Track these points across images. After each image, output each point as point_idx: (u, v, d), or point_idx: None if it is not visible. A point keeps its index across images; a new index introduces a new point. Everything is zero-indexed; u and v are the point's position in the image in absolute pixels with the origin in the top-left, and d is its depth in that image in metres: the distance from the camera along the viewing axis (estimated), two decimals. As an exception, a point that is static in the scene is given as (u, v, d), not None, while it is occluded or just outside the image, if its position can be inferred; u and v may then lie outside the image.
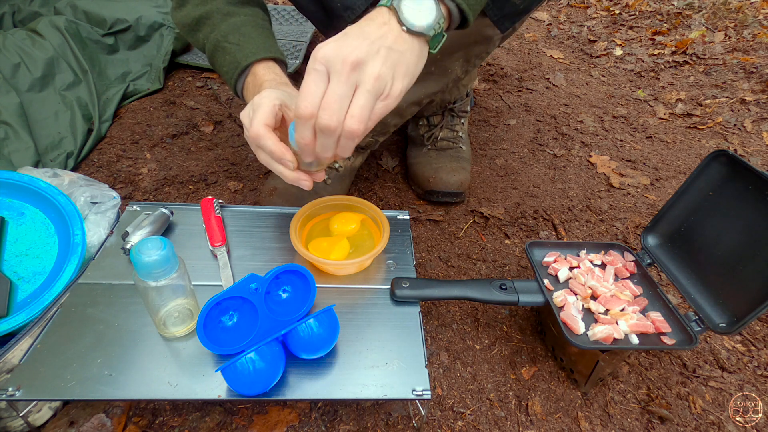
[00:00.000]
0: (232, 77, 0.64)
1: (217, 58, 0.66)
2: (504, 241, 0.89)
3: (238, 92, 0.67)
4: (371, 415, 0.60)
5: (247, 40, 0.65)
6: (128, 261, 0.61)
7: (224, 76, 0.66)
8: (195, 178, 0.95)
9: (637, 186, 1.06)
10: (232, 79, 0.64)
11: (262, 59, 0.63)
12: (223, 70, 0.66)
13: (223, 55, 0.65)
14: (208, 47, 0.67)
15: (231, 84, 0.66)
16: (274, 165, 0.54)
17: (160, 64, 1.23)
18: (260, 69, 0.63)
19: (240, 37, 0.65)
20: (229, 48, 0.64)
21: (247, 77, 0.64)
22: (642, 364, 0.69)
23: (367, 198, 0.94)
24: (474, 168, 1.07)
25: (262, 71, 0.63)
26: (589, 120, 1.30)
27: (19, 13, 1.16)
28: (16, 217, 0.66)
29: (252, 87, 0.63)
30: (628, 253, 0.69)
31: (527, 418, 0.61)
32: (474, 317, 0.74)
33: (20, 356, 0.50)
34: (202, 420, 0.57)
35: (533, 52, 1.71)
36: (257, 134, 0.52)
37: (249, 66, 0.63)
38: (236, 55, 0.64)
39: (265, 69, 0.63)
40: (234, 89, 0.66)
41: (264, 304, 0.52)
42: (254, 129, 0.52)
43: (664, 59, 1.67)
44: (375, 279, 0.63)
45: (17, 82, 0.96)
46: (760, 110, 1.36)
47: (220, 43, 0.65)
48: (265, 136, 0.52)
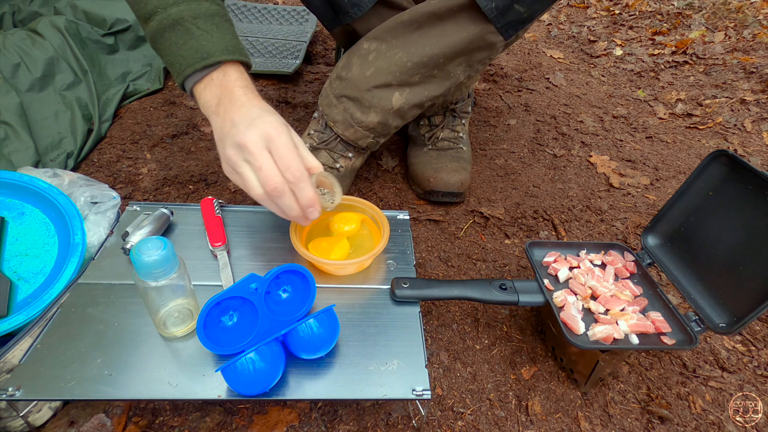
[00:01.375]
0: (191, 65, 0.56)
1: (173, 37, 0.57)
2: (504, 241, 0.89)
3: (189, 85, 0.59)
4: (371, 415, 0.60)
5: (221, 33, 0.58)
6: (128, 261, 0.61)
7: (177, 60, 0.57)
8: (195, 178, 0.95)
9: (637, 186, 1.06)
10: (191, 68, 0.56)
11: (237, 61, 0.58)
12: (179, 54, 0.57)
13: (185, 37, 0.57)
14: (162, 19, 0.57)
15: (184, 73, 0.57)
16: (293, 210, 0.55)
17: (160, 64, 1.23)
18: (233, 71, 0.58)
19: (213, 26, 0.58)
20: (196, 32, 0.56)
21: (212, 73, 0.57)
22: (642, 364, 0.69)
23: (367, 198, 0.94)
24: (474, 168, 1.07)
25: (235, 75, 0.58)
26: (589, 120, 1.30)
27: (19, 13, 1.16)
28: (16, 217, 0.66)
29: (218, 88, 0.57)
30: (628, 253, 0.69)
31: (527, 418, 0.61)
32: (474, 317, 0.74)
33: (20, 356, 0.50)
34: (202, 420, 0.57)
35: (533, 52, 1.71)
36: (302, 175, 0.53)
37: (220, 62, 0.57)
38: (204, 44, 0.56)
39: (239, 74, 0.58)
40: (184, 79, 0.58)
41: (264, 304, 0.52)
42: (297, 168, 0.52)
43: (664, 59, 1.67)
44: (375, 279, 0.63)
45: (17, 82, 0.96)
46: (760, 110, 1.36)
47: (184, 22, 0.57)
48: (308, 180, 0.53)
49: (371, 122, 0.81)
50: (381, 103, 0.79)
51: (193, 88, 0.59)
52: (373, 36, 0.78)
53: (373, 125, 0.81)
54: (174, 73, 0.58)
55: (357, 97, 0.79)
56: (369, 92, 0.78)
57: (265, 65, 1.30)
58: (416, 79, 0.78)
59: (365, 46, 0.79)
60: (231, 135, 0.53)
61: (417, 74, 0.77)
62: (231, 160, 0.54)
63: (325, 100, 0.84)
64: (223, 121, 0.55)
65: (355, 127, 0.82)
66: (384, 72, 0.77)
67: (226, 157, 0.54)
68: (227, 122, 0.54)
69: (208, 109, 0.58)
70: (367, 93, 0.78)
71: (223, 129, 0.55)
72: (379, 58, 0.77)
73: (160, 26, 0.57)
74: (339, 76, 0.81)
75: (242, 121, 0.53)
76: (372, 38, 0.78)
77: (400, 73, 0.76)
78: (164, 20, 0.57)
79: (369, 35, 0.79)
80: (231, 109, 0.55)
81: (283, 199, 0.53)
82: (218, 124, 0.56)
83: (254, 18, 1.57)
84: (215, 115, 0.57)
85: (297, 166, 0.52)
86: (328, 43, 1.58)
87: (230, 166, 0.55)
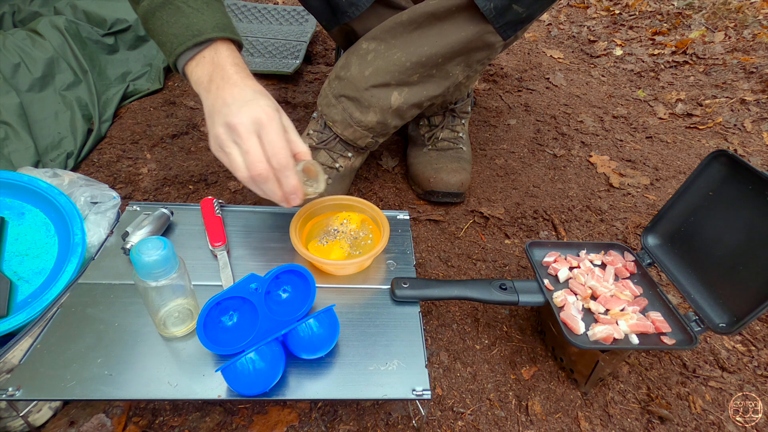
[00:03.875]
0: (182, 44, 0.56)
1: (164, 15, 0.57)
2: (504, 241, 0.89)
3: (181, 64, 0.58)
4: (371, 415, 0.60)
5: (212, 11, 0.57)
6: (128, 261, 0.61)
7: (168, 40, 0.57)
8: (195, 178, 0.95)
9: (637, 186, 1.06)
10: (183, 46, 0.56)
11: (228, 39, 0.58)
12: (170, 32, 0.56)
13: (176, 15, 0.56)
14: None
15: (176, 51, 0.56)
16: (276, 195, 0.55)
17: (160, 64, 1.23)
18: (225, 49, 0.57)
19: (203, 4, 0.57)
20: (187, 10, 0.56)
21: (204, 51, 0.57)
22: (642, 364, 0.69)
23: (367, 198, 0.94)
24: (474, 168, 1.07)
25: (226, 53, 0.57)
26: (589, 120, 1.30)
27: (19, 13, 1.16)
28: (16, 217, 0.66)
29: (210, 66, 0.56)
30: (628, 253, 0.69)
31: (527, 418, 0.61)
32: (474, 317, 0.74)
33: (20, 356, 0.50)
34: (202, 420, 0.57)
35: (533, 52, 1.71)
36: (288, 164, 0.53)
37: (211, 40, 0.56)
38: (195, 21, 0.56)
39: (230, 51, 0.58)
40: (176, 59, 0.57)
41: (264, 304, 0.52)
42: (284, 156, 0.53)
43: (664, 59, 1.67)
44: (375, 279, 0.63)
45: (17, 82, 0.96)
46: (760, 110, 1.36)
47: (175, 0, 0.57)
48: (293, 169, 0.54)
49: (370, 122, 0.81)
50: (380, 102, 0.79)
51: (185, 66, 0.58)
52: (372, 36, 0.78)
53: (372, 125, 0.81)
54: (165, 52, 0.58)
55: (356, 96, 0.79)
56: (368, 92, 0.78)
57: (265, 65, 1.30)
58: (415, 79, 0.78)
59: (364, 46, 0.79)
60: (222, 114, 0.54)
61: (416, 74, 0.77)
62: (219, 139, 0.54)
63: (324, 100, 0.84)
64: (215, 98, 0.55)
65: (354, 127, 0.82)
66: (383, 72, 0.77)
67: (215, 135, 0.55)
68: (219, 100, 0.55)
69: (200, 86, 0.58)
70: (365, 92, 0.78)
71: (215, 106, 0.55)
72: (377, 58, 0.77)
73: (151, 5, 0.57)
74: (338, 75, 0.82)
75: (234, 102, 0.53)
76: (371, 38, 0.78)
77: (399, 73, 0.76)
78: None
79: (368, 35, 0.79)
80: (223, 87, 0.55)
81: (267, 184, 0.54)
82: (209, 101, 0.56)
83: (254, 18, 1.57)
84: (207, 92, 0.56)
85: (284, 153, 0.53)
86: (328, 43, 1.57)
87: (218, 144, 0.55)
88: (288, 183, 0.55)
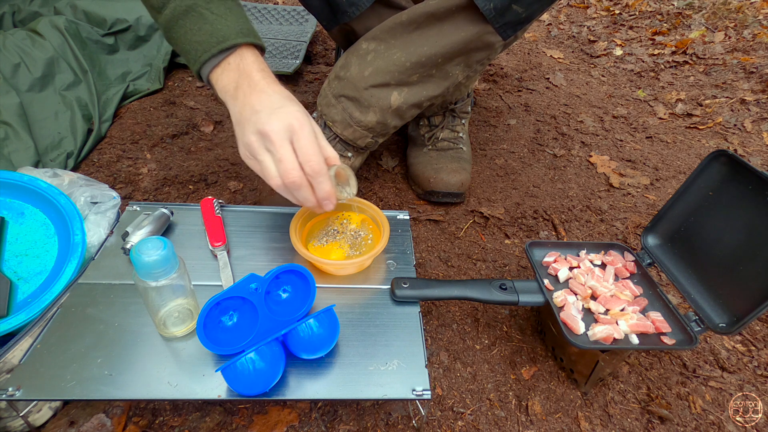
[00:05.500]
0: (207, 51, 0.55)
1: (187, 23, 0.56)
2: (504, 241, 0.89)
3: (205, 72, 0.58)
4: (371, 415, 0.60)
5: (234, 16, 0.57)
6: (128, 261, 0.61)
7: (193, 48, 0.57)
8: (195, 178, 0.95)
9: (637, 186, 1.06)
10: (208, 53, 0.55)
11: (251, 44, 0.57)
12: (194, 40, 0.56)
13: (199, 22, 0.56)
14: (176, 6, 0.57)
15: (201, 59, 0.56)
16: (309, 201, 0.56)
17: (160, 64, 1.22)
18: (250, 55, 0.57)
19: (226, 9, 0.57)
20: (210, 17, 0.56)
21: (229, 57, 0.56)
22: (642, 364, 0.69)
23: (367, 198, 0.94)
24: (474, 168, 1.07)
25: (252, 58, 0.57)
26: (589, 120, 1.30)
27: (19, 13, 1.16)
28: (16, 217, 0.66)
29: (236, 72, 0.56)
30: (628, 253, 0.69)
31: (527, 418, 0.61)
32: (474, 317, 0.74)
33: (20, 356, 0.50)
34: (202, 420, 0.57)
35: (533, 52, 1.71)
36: (321, 170, 0.53)
37: (236, 46, 0.56)
38: (219, 28, 0.56)
39: (255, 57, 0.57)
40: (200, 67, 0.57)
41: (264, 304, 0.52)
42: (317, 162, 0.52)
43: (664, 59, 1.67)
44: (375, 279, 0.63)
45: (17, 82, 0.96)
46: (760, 110, 1.36)
47: (198, 7, 0.56)
48: (327, 175, 0.54)
49: (370, 122, 0.81)
50: (379, 102, 0.79)
51: (210, 74, 0.58)
52: (372, 36, 0.78)
53: (372, 125, 0.81)
54: (190, 60, 0.58)
55: (355, 96, 0.79)
56: (367, 92, 0.78)
57: (265, 65, 1.29)
58: (414, 79, 0.78)
59: (364, 46, 0.79)
60: (252, 122, 0.53)
61: (415, 74, 0.77)
62: (251, 147, 0.54)
63: (323, 100, 0.84)
64: (243, 106, 0.55)
65: (353, 127, 0.82)
66: (382, 72, 0.77)
67: (246, 143, 0.54)
68: (247, 108, 0.54)
69: (226, 94, 0.57)
70: (365, 92, 0.78)
71: (243, 114, 0.55)
72: (377, 58, 0.77)
73: (174, 13, 0.57)
74: (337, 75, 0.82)
75: (264, 109, 0.53)
76: (370, 38, 0.78)
77: (399, 73, 0.76)
78: (178, 7, 0.57)
79: (367, 35, 0.79)
80: (250, 94, 0.55)
81: (300, 191, 0.54)
82: (237, 108, 0.56)
83: (254, 18, 1.57)
84: (233, 99, 0.56)
85: (317, 160, 0.53)
86: (328, 43, 1.57)
87: (249, 152, 0.55)
88: (322, 189, 0.54)
